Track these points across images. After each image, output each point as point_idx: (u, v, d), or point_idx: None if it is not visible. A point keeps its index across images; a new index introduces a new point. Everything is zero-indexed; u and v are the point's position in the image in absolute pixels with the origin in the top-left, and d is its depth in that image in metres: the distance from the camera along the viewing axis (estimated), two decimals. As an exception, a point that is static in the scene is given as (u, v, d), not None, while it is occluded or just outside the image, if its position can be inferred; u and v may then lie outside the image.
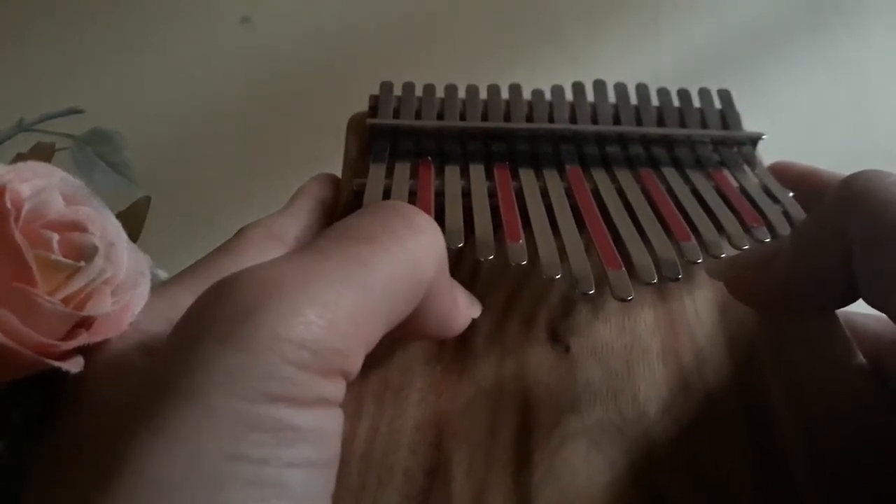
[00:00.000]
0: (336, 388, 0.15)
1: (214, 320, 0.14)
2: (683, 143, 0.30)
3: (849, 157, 0.51)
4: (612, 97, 0.31)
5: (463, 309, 0.21)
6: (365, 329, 0.15)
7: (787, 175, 0.28)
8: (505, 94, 0.30)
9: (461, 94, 0.30)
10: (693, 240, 0.25)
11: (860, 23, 0.60)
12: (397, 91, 0.30)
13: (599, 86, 0.31)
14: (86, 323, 0.18)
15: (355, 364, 0.15)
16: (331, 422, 0.14)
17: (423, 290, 0.17)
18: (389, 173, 0.27)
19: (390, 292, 0.16)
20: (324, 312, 0.14)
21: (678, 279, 0.23)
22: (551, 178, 0.27)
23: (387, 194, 0.26)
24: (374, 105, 0.30)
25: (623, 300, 0.22)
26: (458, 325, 0.21)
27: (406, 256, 0.16)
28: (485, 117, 0.30)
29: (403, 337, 0.18)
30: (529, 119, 0.30)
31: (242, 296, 0.14)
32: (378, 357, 0.22)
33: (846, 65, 0.59)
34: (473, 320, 0.23)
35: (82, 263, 0.18)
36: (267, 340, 0.13)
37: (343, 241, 0.16)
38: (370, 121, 0.28)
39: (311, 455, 0.14)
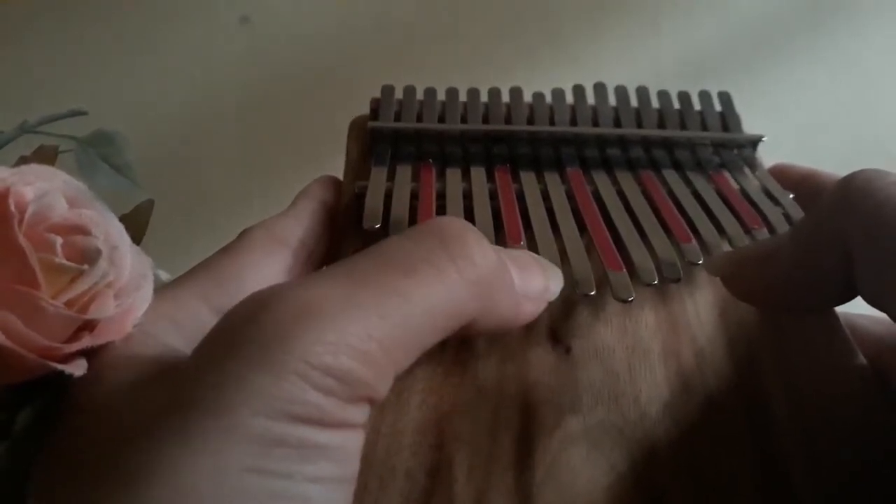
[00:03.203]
0: (361, 413, 0.15)
1: (246, 341, 0.14)
2: (684, 146, 0.30)
3: (849, 158, 0.51)
4: (612, 100, 0.31)
5: (528, 306, 0.20)
6: (396, 359, 0.15)
7: (787, 177, 0.29)
8: (506, 97, 0.30)
9: (462, 97, 0.30)
10: (694, 241, 0.25)
11: (861, 23, 0.60)
12: (398, 94, 0.30)
13: (600, 88, 0.31)
14: (89, 326, 0.18)
15: (383, 391, 0.15)
16: (353, 442, 0.15)
17: (465, 319, 0.17)
18: (391, 176, 0.27)
19: (426, 325, 0.16)
20: (356, 343, 0.14)
21: (679, 280, 0.23)
22: (552, 180, 0.27)
23: (388, 197, 0.26)
24: (376, 108, 0.30)
25: (624, 301, 0.22)
26: (522, 322, 0.20)
27: (446, 293, 0.16)
28: (486, 120, 0.30)
29: (458, 337, 0.18)
30: (530, 122, 0.30)
31: (275, 318, 0.14)
32: None
33: (847, 65, 0.59)
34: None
35: (86, 267, 0.18)
36: (296, 366, 0.13)
37: (382, 269, 0.16)
38: (371, 124, 0.29)
39: (333, 471, 0.14)
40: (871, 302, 0.20)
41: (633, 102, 0.31)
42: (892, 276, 0.19)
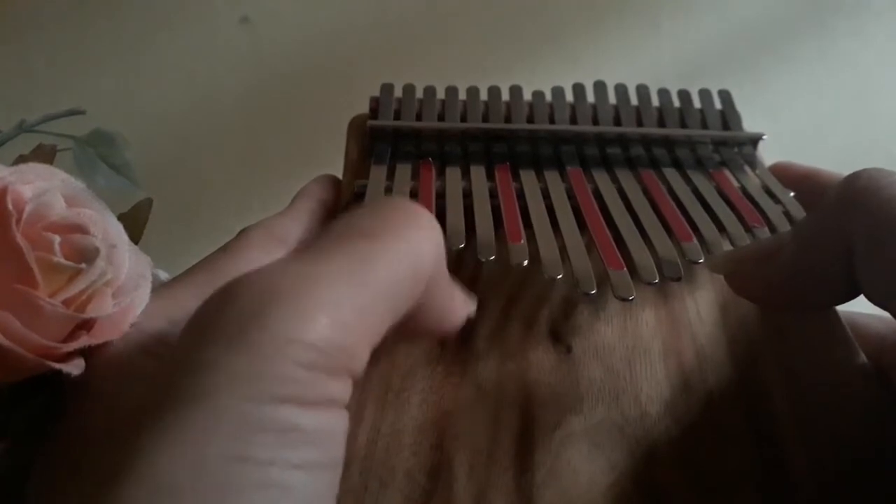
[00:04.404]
0: (343, 388, 0.15)
1: (220, 325, 0.14)
2: (684, 144, 0.30)
3: (849, 158, 0.51)
4: (612, 98, 0.31)
5: (460, 304, 0.21)
6: (370, 326, 0.15)
7: (787, 175, 0.29)
8: (505, 96, 0.30)
9: (462, 95, 0.30)
10: (694, 240, 0.25)
11: (862, 23, 0.60)
12: (398, 93, 0.30)
13: (600, 87, 0.31)
14: (87, 325, 0.18)
15: (361, 362, 0.15)
16: (336, 424, 0.15)
17: (423, 285, 0.17)
18: (390, 175, 0.27)
19: (393, 288, 0.16)
20: (330, 311, 0.14)
21: (679, 279, 0.23)
22: (552, 178, 0.27)
23: (388, 195, 0.26)
24: (375, 107, 0.30)
25: (624, 300, 0.22)
26: (456, 322, 0.20)
27: (407, 251, 0.16)
28: (485, 118, 0.30)
29: (403, 337, 0.18)
30: (530, 120, 0.30)
31: (247, 300, 0.14)
32: (379, 360, 0.22)
33: (847, 65, 0.59)
34: (475, 321, 0.23)
35: (83, 265, 0.18)
36: (274, 342, 0.13)
37: (344, 239, 0.16)
38: (371, 122, 0.28)
39: (316, 457, 0.14)
40: (875, 301, 0.20)
41: (633, 101, 0.31)
42: (894, 274, 0.19)
